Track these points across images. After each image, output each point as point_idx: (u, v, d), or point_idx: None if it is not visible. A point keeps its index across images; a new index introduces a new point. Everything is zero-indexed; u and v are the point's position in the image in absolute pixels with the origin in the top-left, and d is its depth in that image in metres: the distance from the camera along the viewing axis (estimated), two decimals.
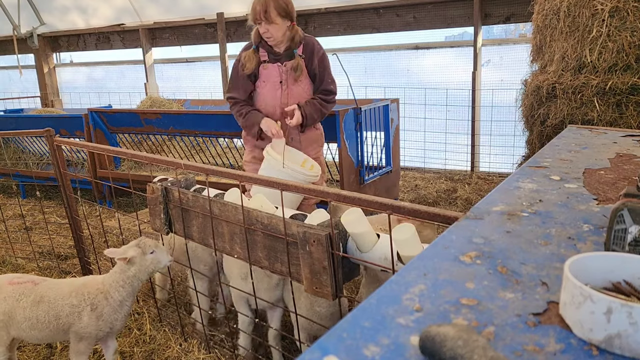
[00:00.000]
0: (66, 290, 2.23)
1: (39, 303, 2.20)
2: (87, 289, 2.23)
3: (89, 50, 9.70)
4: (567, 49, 3.50)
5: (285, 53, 3.04)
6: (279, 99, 3.04)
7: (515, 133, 5.48)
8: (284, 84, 3.04)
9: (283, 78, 3.03)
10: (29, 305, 2.19)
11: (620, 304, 0.60)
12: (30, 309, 2.19)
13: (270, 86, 3.05)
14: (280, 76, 3.03)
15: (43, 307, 2.19)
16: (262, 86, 3.08)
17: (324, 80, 3.11)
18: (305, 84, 3.09)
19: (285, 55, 3.04)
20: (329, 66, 3.14)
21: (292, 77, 3.05)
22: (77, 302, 2.18)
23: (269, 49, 3.04)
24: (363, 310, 0.71)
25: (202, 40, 8.34)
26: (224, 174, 2.17)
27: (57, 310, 2.18)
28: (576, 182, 1.30)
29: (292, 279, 1.92)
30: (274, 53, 3.04)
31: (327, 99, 3.12)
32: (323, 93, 3.12)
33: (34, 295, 2.21)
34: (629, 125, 3.18)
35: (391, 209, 1.50)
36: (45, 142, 3.49)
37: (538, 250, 0.90)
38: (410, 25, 6.55)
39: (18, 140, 6.29)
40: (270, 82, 3.05)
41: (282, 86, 3.04)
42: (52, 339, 2.26)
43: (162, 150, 5.42)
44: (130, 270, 2.20)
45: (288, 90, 3.05)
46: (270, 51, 3.04)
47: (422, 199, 5.30)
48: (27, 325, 2.19)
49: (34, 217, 5.30)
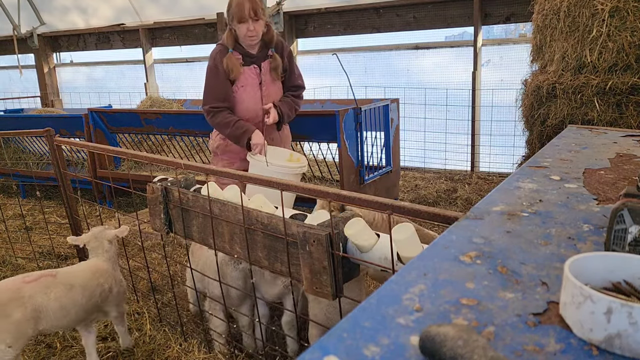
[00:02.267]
0: (88, 273, 2.56)
1: (71, 289, 2.43)
2: (100, 268, 2.62)
3: (89, 50, 9.70)
4: (567, 49, 3.50)
5: (260, 54, 3.06)
6: (259, 101, 3.06)
7: (515, 133, 5.48)
8: (263, 84, 3.06)
9: (262, 79, 3.05)
10: (64, 294, 2.40)
11: (620, 304, 0.60)
12: (66, 296, 2.40)
13: (250, 89, 3.05)
14: (259, 77, 3.05)
15: (77, 292, 2.44)
16: (241, 90, 3.06)
17: (292, 76, 3.17)
18: (280, 82, 3.16)
19: (260, 57, 3.06)
20: (295, 61, 3.23)
21: (271, 77, 3.08)
22: (103, 281, 2.58)
23: (244, 52, 3.04)
24: (363, 310, 0.71)
25: (202, 40, 8.34)
26: (224, 174, 2.17)
27: (90, 291, 2.49)
28: (576, 182, 1.30)
29: (292, 279, 1.92)
30: (249, 55, 3.05)
31: (298, 95, 3.20)
32: (292, 90, 3.18)
33: (62, 285, 2.41)
34: (629, 125, 3.18)
35: (391, 209, 1.50)
36: (45, 142, 3.50)
37: (538, 250, 0.90)
38: (410, 25, 6.55)
39: (18, 140, 6.29)
40: (249, 85, 3.05)
41: (261, 87, 3.07)
42: (76, 323, 2.52)
43: (162, 150, 5.42)
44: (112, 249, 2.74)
45: (267, 90, 3.09)
46: (245, 54, 3.04)
47: (422, 199, 5.30)
48: (61, 314, 2.39)
49: (34, 217, 5.30)
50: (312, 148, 5.01)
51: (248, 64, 3.05)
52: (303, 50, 7.49)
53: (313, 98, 5.96)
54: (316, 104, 5.43)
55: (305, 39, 7.42)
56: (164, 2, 8.15)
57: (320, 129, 4.07)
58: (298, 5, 7.02)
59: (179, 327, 2.81)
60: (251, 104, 3.07)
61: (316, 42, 7.41)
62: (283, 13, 6.96)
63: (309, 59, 7.50)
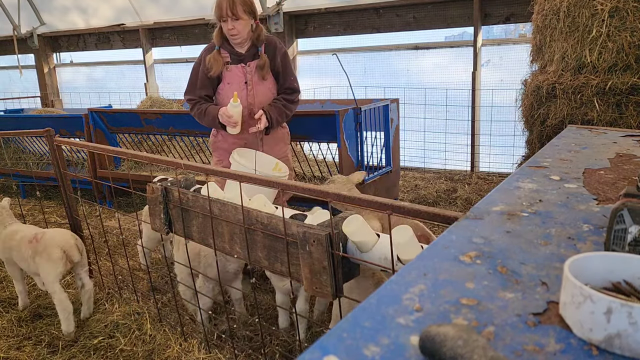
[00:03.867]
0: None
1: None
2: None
3: (89, 50, 9.69)
4: (567, 49, 3.50)
5: (248, 53, 3.06)
6: (245, 100, 3.05)
7: (515, 133, 5.48)
8: (249, 84, 3.06)
9: (248, 78, 3.06)
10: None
11: (620, 304, 0.60)
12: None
13: (235, 87, 3.05)
14: (245, 76, 3.05)
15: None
16: (226, 88, 3.08)
17: (287, 78, 3.14)
18: (270, 83, 3.12)
19: (248, 56, 3.06)
20: (291, 64, 3.18)
21: (258, 76, 3.07)
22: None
23: (231, 50, 3.06)
24: (363, 310, 0.71)
25: (202, 40, 8.34)
26: (224, 174, 2.17)
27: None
28: (576, 182, 1.30)
29: (292, 279, 1.92)
30: (237, 54, 3.06)
31: (291, 99, 3.14)
32: (286, 92, 3.15)
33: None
34: (629, 125, 3.18)
35: (391, 209, 1.50)
36: (45, 142, 3.50)
37: (538, 250, 0.90)
38: (410, 25, 6.55)
39: (18, 140, 6.29)
40: (235, 83, 3.06)
41: (247, 86, 3.06)
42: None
43: (162, 150, 5.42)
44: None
45: (254, 90, 3.08)
46: (233, 52, 3.06)
47: (422, 199, 5.30)
48: None
49: (34, 217, 5.30)
50: (312, 148, 5.00)
51: (236, 62, 3.07)
52: (303, 51, 7.49)
53: (313, 98, 5.96)
54: (316, 104, 5.43)
55: (305, 39, 7.42)
56: (164, 2, 8.15)
57: (320, 129, 4.07)
58: (298, 5, 7.02)
59: (179, 327, 2.81)
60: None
61: (316, 42, 7.41)
62: (283, 13, 6.96)
63: (308, 59, 7.50)
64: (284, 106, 3.10)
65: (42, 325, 3.05)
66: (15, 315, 3.16)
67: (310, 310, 2.91)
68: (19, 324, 3.07)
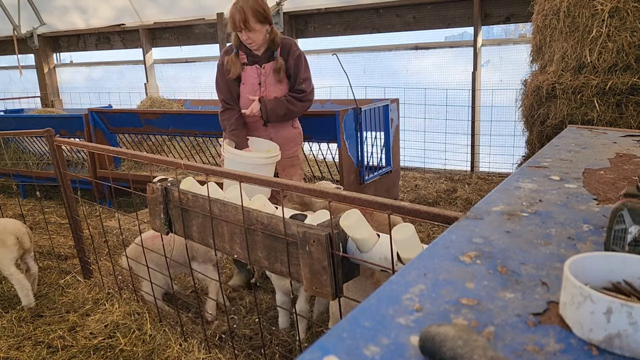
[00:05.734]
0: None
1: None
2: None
3: (89, 50, 9.70)
4: (567, 49, 3.50)
5: (264, 55, 3.08)
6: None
7: (515, 133, 5.48)
8: (262, 85, 3.08)
9: (261, 80, 3.07)
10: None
11: (620, 304, 0.60)
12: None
13: (249, 88, 3.09)
14: (259, 78, 3.08)
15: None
16: (242, 88, 3.13)
17: (297, 80, 3.15)
18: (284, 85, 3.15)
19: (264, 57, 3.08)
20: (304, 67, 3.17)
21: (274, 79, 3.09)
22: None
23: (248, 52, 3.10)
24: (363, 310, 0.71)
25: (202, 40, 8.34)
26: (224, 174, 2.17)
27: None
28: (576, 182, 1.30)
29: (292, 279, 1.92)
30: (253, 55, 3.10)
31: (298, 97, 3.15)
32: (295, 92, 3.15)
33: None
34: (629, 125, 3.18)
35: (391, 209, 1.50)
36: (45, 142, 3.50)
37: (538, 250, 0.90)
38: (410, 25, 6.55)
39: (18, 140, 6.29)
40: (249, 84, 3.10)
41: (260, 88, 3.08)
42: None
43: (162, 150, 5.41)
44: None
45: (266, 92, 3.10)
46: (249, 54, 3.10)
47: (422, 199, 5.30)
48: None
49: (34, 217, 5.30)
50: (312, 148, 5.00)
51: (251, 64, 3.11)
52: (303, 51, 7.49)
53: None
54: (316, 104, 5.42)
55: (305, 39, 7.41)
56: (164, 2, 8.15)
57: (320, 129, 4.07)
58: (298, 5, 7.02)
59: (179, 327, 2.81)
60: (248, 103, 3.09)
61: (316, 42, 7.41)
62: (283, 13, 6.96)
63: (308, 59, 7.47)
64: (287, 100, 3.10)
65: (42, 325, 3.05)
66: (15, 315, 3.16)
67: (310, 310, 2.92)
68: (19, 324, 3.07)
